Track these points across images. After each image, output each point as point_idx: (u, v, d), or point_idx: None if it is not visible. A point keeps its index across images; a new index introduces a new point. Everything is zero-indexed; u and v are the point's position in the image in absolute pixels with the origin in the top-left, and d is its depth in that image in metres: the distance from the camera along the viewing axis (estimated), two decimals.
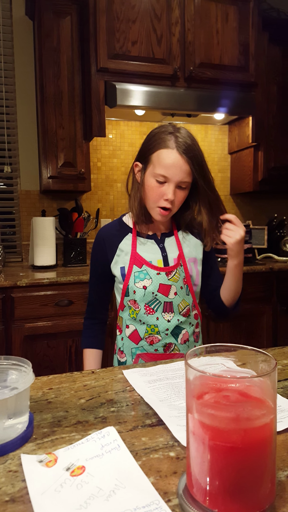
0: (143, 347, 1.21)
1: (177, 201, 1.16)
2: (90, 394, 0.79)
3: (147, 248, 1.22)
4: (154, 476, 0.53)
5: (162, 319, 1.19)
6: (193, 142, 1.14)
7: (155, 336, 1.19)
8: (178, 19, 2.42)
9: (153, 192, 1.14)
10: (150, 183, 1.14)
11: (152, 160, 1.14)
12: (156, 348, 1.20)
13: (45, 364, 2.15)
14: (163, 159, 1.11)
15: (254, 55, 2.60)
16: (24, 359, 0.68)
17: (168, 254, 1.22)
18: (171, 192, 1.12)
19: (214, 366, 0.52)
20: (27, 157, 2.76)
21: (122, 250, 1.22)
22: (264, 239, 2.93)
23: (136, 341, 1.22)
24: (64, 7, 2.40)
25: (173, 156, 1.10)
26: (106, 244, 1.24)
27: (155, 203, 1.16)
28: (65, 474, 0.53)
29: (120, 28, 2.32)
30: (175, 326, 1.20)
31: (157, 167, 1.12)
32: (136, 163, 1.20)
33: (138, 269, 1.19)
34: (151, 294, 1.18)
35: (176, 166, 1.11)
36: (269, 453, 0.45)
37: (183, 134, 1.13)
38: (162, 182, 1.13)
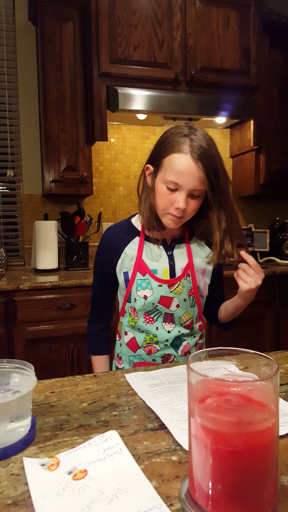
0: (141, 355, 1.17)
1: (189, 210, 1.07)
2: (92, 397, 0.79)
3: (154, 255, 1.15)
4: (156, 480, 0.53)
5: (162, 329, 1.14)
6: (209, 146, 1.02)
7: (153, 346, 1.15)
8: (180, 23, 2.44)
9: (164, 199, 1.06)
10: (161, 189, 1.06)
11: (164, 165, 1.05)
12: (154, 358, 1.16)
13: (47, 368, 2.15)
14: (175, 164, 1.01)
15: (255, 59, 2.61)
16: (26, 362, 0.68)
17: (175, 263, 1.15)
18: (183, 201, 1.03)
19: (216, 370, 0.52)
20: (29, 161, 2.77)
21: (127, 255, 1.16)
22: (266, 242, 2.92)
23: (134, 349, 1.18)
24: (66, 13, 2.42)
25: (186, 162, 1.01)
26: (112, 246, 1.18)
27: (165, 210, 1.08)
28: (67, 478, 0.53)
29: (122, 33, 2.34)
30: (176, 337, 1.15)
31: (168, 173, 1.03)
32: (147, 166, 1.12)
33: (141, 277, 1.14)
34: (151, 305, 1.13)
35: (189, 173, 1.01)
36: (271, 458, 0.45)
37: (199, 137, 1.02)
38: (173, 190, 1.04)
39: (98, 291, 1.27)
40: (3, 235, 2.77)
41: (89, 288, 2.20)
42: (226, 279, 1.31)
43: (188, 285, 1.16)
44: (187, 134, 1.03)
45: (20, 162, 2.76)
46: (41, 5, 2.38)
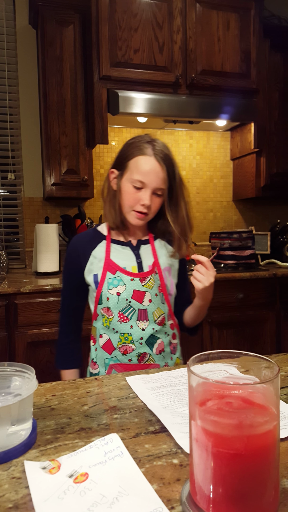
0: (116, 357, 1.17)
1: (153, 207, 1.18)
2: (93, 401, 0.79)
3: (122, 254, 1.21)
4: (157, 483, 0.53)
5: (136, 327, 1.16)
6: (168, 152, 1.18)
7: (128, 345, 1.16)
8: (180, 27, 2.44)
9: (130, 197, 1.16)
10: (127, 189, 1.16)
11: (130, 167, 1.16)
12: (130, 358, 1.16)
13: (48, 371, 2.15)
14: (141, 165, 1.14)
15: (255, 62, 2.62)
16: (27, 365, 0.68)
17: (142, 260, 1.21)
18: (148, 198, 1.14)
19: (217, 373, 0.52)
20: (30, 165, 2.77)
21: (95, 257, 1.20)
22: (267, 245, 2.92)
23: (110, 351, 1.18)
24: (67, 16, 2.43)
25: (151, 163, 1.14)
26: (80, 252, 1.22)
27: (131, 208, 1.17)
28: (68, 481, 0.53)
29: (122, 37, 2.34)
30: (150, 335, 1.17)
31: (134, 173, 1.14)
32: (112, 170, 1.22)
33: (111, 276, 1.17)
34: (125, 301, 1.16)
35: (153, 172, 1.14)
36: (272, 460, 0.45)
37: (160, 144, 1.18)
38: (139, 188, 1.15)
39: (69, 299, 1.28)
40: (4, 238, 2.78)
41: None
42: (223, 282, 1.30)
43: (157, 281, 1.21)
44: (149, 141, 1.17)
45: (21, 165, 2.77)
46: (42, 9, 2.40)
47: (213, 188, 3.19)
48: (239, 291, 2.43)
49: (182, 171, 3.09)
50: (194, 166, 3.12)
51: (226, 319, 2.43)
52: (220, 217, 3.23)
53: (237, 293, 2.43)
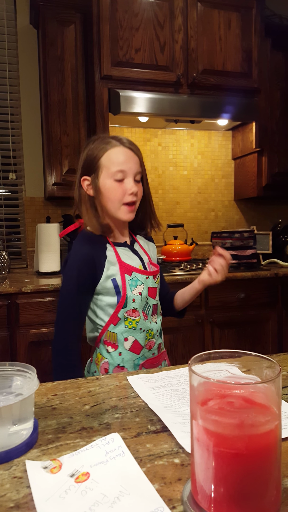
0: (144, 355, 1.21)
1: (139, 193, 1.19)
2: (94, 400, 0.79)
3: (126, 255, 1.22)
4: (158, 482, 0.53)
5: (153, 323, 1.23)
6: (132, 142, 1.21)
7: (152, 340, 1.22)
8: (181, 26, 2.44)
9: (116, 192, 1.15)
10: (109, 185, 1.15)
11: (103, 164, 1.15)
12: (153, 352, 1.23)
13: (49, 371, 2.14)
14: (115, 157, 1.14)
15: (257, 61, 2.62)
16: (28, 365, 0.68)
17: (143, 259, 1.25)
18: (133, 184, 1.15)
19: (219, 372, 0.52)
20: (31, 164, 2.78)
21: (110, 262, 1.17)
22: (269, 244, 2.92)
23: (138, 351, 1.19)
24: (68, 16, 2.43)
25: (124, 151, 1.15)
26: (95, 259, 1.16)
27: (120, 202, 1.16)
28: (69, 481, 0.53)
29: (124, 36, 2.34)
30: (161, 327, 1.27)
31: (111, 167, 1.14)
32: (83, 178, 1.18)
33: (129, 277, 1.17)
34: (145, 299, 1.20)
35: (130, 158, 1.15)
36: (274, 460, 0.45)
37: (121, 136, 1.20)
38: (120, 180, 1.15)
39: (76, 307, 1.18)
40: (5, 238, 2.78)
41: None
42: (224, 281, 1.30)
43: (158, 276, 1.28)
44: (111, 138, 1.18)
45: (22, 165, 2.77)
46: (43, 8, 2.40)
47: (215, 188, 3.19)
48: (240, 290, 2.43)
49: (183, 170, 3.12)
50: (195, 166, 3.12)
51: (227, 318, 2.43)
52: (222, 217, 3.22)
53: (238, 293, 2.43)
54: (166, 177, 3.06)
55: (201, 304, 2.37)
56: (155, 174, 3.03)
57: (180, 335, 2.34)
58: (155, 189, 3.02)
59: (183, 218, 3.11)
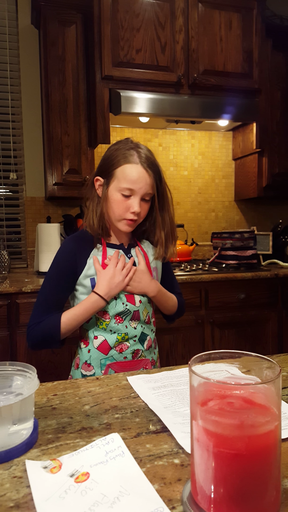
0: (112, 356, 1.20)
1: (142, 213, 1.20)
2: (94, 400, 0.79)
3: None
4: (158, 483, 0.53)
5: (130, 327, 1.21)
6: (153, 157, 1.20)
7: (124, 343, 1.20)
8: (182, 27, 2.44)
9: (120, 206, 1.17)
10: (116, 197, 1.17)
11: (116, 175, 1.16)
12: (125, 355, 1.21)
13: (50, 370, 2.15)
14: (129, 173, 1.15)
15: (257, 62, 2.62)
16: (28, 365, 0.68)
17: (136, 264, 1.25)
18: (137, 205, 1.16)
19: (219, 373, 0.52)
20: (32, 164, 2.78)
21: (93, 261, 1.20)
22: (269, 245, 2.92)
23: (106, 351, 1.20)
24: (69, 16, 2.43)
25: (138, 170, 1.15)
26: (77, 253, 1.21)
27: (121, 216, 1.18)
28: (69, 481, 0.53)
29: (125, 36, 2.34)
30: (141, 333, 1.24)
31: (122, 181, 1.15)
32: (97, 178, 1.22)
33: None
34: (122, 305, 1.20)
35: (142, 179, 1.15)
36: (273, 461, 0.45)
37: (144, 150, 1.19)
38: (127, 196, 1.16)
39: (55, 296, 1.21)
40: (6, 237, 2.78)
41: None
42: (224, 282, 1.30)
43: None
44: (132, 147, 1.18)
45: (23, 165, 2.77)
46: (44, 8, 2.40)
47: (215, 188, 3.19)
48: (240, 291, 2.43)
49: (184, 171, 3.12)
50: (196, 166, 3.12)
51: (227, 319, 2.43)
52: (222, 217, 3.23)
53: (238, 293, 2.43)
54: (167, 177, 3.01)
55: (201, 305, 2.37)
56: None
57: (180, 335, 2.34)
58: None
59: (183, 219, 3.11)
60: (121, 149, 1.18)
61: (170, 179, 3.07)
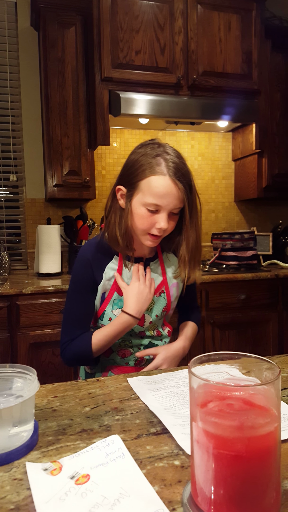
0: (114, 359, 1.18)
1: (169, 228, 1.09)
2: (94, 402, 0.79)
3: (129, 274, 1.15)
4: (158, 484, 0.53)
5: (135, 336, 1.18)
6: (182, 161, 1.06)
7: (127, 349, 1.17)
8: (181, 28, 2.45)
9: (145, 221, 1.06)
10: (141, 212, 1.05)
11: (141, 188, 1.04)
12: (127, 361, 1.18)
13: (50, 372, 2.15)
14: (155, 187, 1.01)
15: (257, 63, 2.62)
16: (29, 367, 0.68)
17: None
18: (165, 221, 1.04)
19: (218, 374, 0.52)
20: (32, 166, 2.78)
21: (107, 275, 1.14)
22: (269, 245, 2.92)
23: (107, 354, 1.18)
24: (68, 18, 2.43)
25: (166, 184, 1.01)
26: (92, 264, 1.14)
27: (145, 231, 1.08)
28: (69, 483, 0.53)
29: (124, 38, 2.35)
30: (149, 343, 1.20)
31: (148, 196, 1.03)
32: (118, 187, 1.10)
33: (118, 297, 1.14)
34: None
35: (170, 194, 1.02)
36: (273, 462, 0.45)
37: (172, 155, 1.04)
38: (153, 211, 1.04)
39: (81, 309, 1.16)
40: (6, 239, 2.78)
41: None
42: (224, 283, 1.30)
43: (162, 302, 1.19)
44: (159, 154, 1.03)
45: (23, 167, 2.78)
46: (43, 10, 2.40)
47: (215, 189, 3.19)
48: (241, 292, 2.43)
49: None
50: (195, 167, 3.12)
51: (228, 320, 2.42)
52: (222, 218, 3.23)
53: (239, 294, 2.43)
54: None
55: (202, 305, 2.37)
56: None
57: None
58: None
59: None
60: (147, 155, 1.04)
61: None
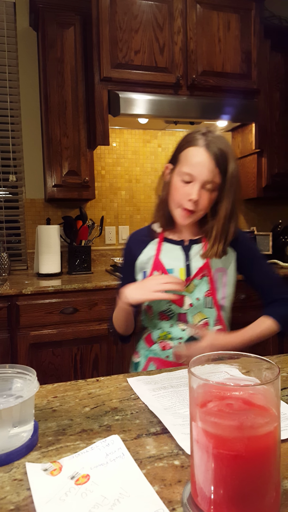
0: (155, 351, 1.19)
1: (202, 204, 1.09)
2: (94, 402, 0.79)
3: (172, 254, 1.17)
4: (158, 484, 0.53)
5: (176, 327, 1.16)
6: (223, 143, 1.08)
7: (167, 342, 1.17)
8: (180, 28, 2.45)
9: (177, 192, 1.10)
10: (175, 183, 1.10)
11: (180, 159, 1.10)
12: (167, 355, 1.17)
13: (50, 372, 2.15)
14: (190, 156, 1.07)
15: (256, 63, 2.62)
16: (28, 367, 0.68)
17: (192, 263, 1.16)
18: (196, 192, 1.06)
19: (218, 374, 0.52)
20: (32, 166, 2.78)
21: (145, 255, 1.20)
22: (269, 245, 2.92)
23: (149, 344, 1.21)
24: (67, 18, 2.43)
25: (201, 154, 1.06)
26: (132, 248, 1.23)
27: (178, 204, 1.11)
28: (69, 483, 0.53)
29: (123, 38, 2.35)
30: (190, 337, 1.15)
31: (183, 165, 1.08)
32: (167, 165, 1.17)
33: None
34: (166, 303, 1.15)
35: (203, 164, 1.06)
36: (273, 462, 0.45)
37: (215, 135, 1.09)
38: (187, 182, 1.08)
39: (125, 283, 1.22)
40: (5, 239, 2.78)
41: (91, 292, 2.20)
42: None
43: (204, 285, 1.16)
44: (204, 133, 1.09)
45: (22, 167, 2.78)
46: (42, 11, 2.40)
47: None
48: (241, 291, 2.43)
49: None
50: None
51: None
52: None
53: (239, 294, 2.42)
54: None
55: None
56: (155, 176, 3.03)
57: None
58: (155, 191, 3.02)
59: None
60: (191, 133, 1.11)
61: None
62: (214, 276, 1.17)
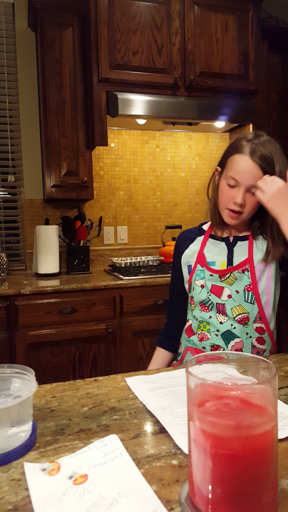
0: (193, 341, 1.25)
1: (248, 207, 1.16)
2: (93, 402, 0.79)
3: (215, 249, 1.26)
4: (156, 484, 0.53)
5: (215, 319, 1.20)
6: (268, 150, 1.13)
7: (205, 333, 1.21)
8: (178, 29, 2.45)
9: (224, 195, 1.18)
10: (222, 186, 1.19)
11: (227, 164, 1.18)
12: (204, 346, 1.21)
13: (48, 372, 2.15)
14: (236, 163, 1.14)
15: (253, 64, 2.62)
16: (27, 367, 0.68)
17: (234, 256, 1.22)
18: (240, 196, 1.14)
19: (215, 374, 0.53)
20: (30, 167, 2.78)
21: (191, 250, 1.29)
22: None
23: (189, 334, 1.26)
24: (66, 19, 2.44)
25: (245, 161, 1.13)
26: (180, 244, 1.34)
27: (225, 206, 1.19)
28: (68, 483, 0.53)
29: (121, 39, 2.35)
30: (227, 331, 1.17)
31: (229, 171, 1.16)
32: (217, 168, 1.26)
33: (200, 268, 1.25)
34: (206, 293, 1.21)
35: (247, 171, 1.12)
36: (270, 461, 0.45)
37: (260, 140, 1.15)
38: (233, 186, 1.15)
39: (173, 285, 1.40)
40: (4, 240, 2.78)
41: (90, 292, 2.21)
42: None
43: (245, 279, 1.18)
44: (250, 139, 1.15)
45: (21, 168, 2.78)
46: (41, 11, 2.40)
47: None
48: None
49: (181, 172, 3.13)
50: (193, 167, 3.13)
51: None
52: None
53: None
54: (164, 179, 3.07)
55: None
56: (153, 176, 3.04)
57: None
58: (154, 191, 3.03)
59: (181, 220, 3.11)
60: (239, 139, 1.18)
61: (167, 181, 3.08)
62: (256, 272, 1.18)
